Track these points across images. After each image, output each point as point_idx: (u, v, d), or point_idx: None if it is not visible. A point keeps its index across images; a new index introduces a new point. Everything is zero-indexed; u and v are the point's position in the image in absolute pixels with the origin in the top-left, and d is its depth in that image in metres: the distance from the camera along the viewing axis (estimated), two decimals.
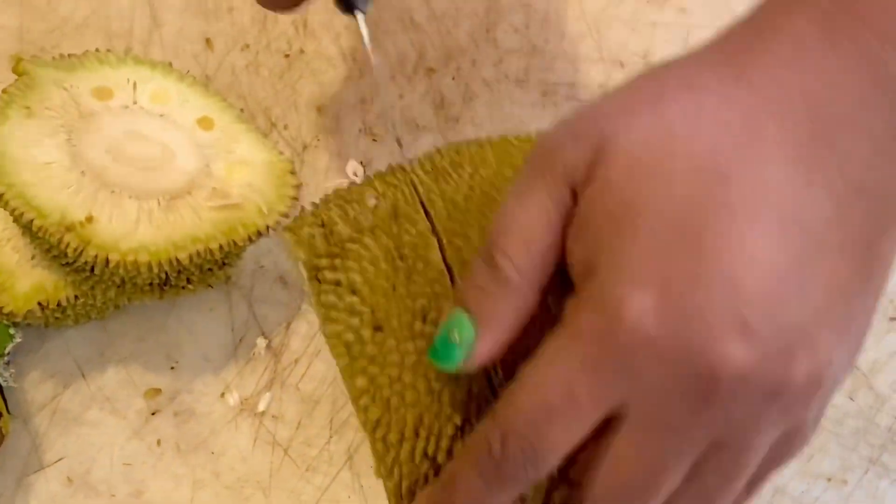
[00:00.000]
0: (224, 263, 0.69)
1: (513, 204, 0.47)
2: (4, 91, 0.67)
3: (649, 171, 0.44)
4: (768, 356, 0.42)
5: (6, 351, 0.70)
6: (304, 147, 0.78)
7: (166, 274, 0.65)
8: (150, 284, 0.66)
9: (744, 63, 0.46)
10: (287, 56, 0.81)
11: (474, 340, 0.46)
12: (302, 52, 0.81)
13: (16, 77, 0.68)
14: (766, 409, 0.43)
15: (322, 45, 0.82)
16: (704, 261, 0.42)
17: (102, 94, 0.69)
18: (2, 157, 0.64)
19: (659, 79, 0.47)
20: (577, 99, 0.80)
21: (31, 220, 0.62)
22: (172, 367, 0.72)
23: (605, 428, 0.45)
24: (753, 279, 0.42)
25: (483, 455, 0.46)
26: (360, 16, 0.65)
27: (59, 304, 0.67)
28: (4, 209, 0.63)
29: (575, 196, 0.46)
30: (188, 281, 0.68)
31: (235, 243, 0.65)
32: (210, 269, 0.68)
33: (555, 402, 0.44)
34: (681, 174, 0.44)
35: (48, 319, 0.69)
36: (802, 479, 0.70)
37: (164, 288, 0.67)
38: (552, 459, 0.45)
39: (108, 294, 0.67)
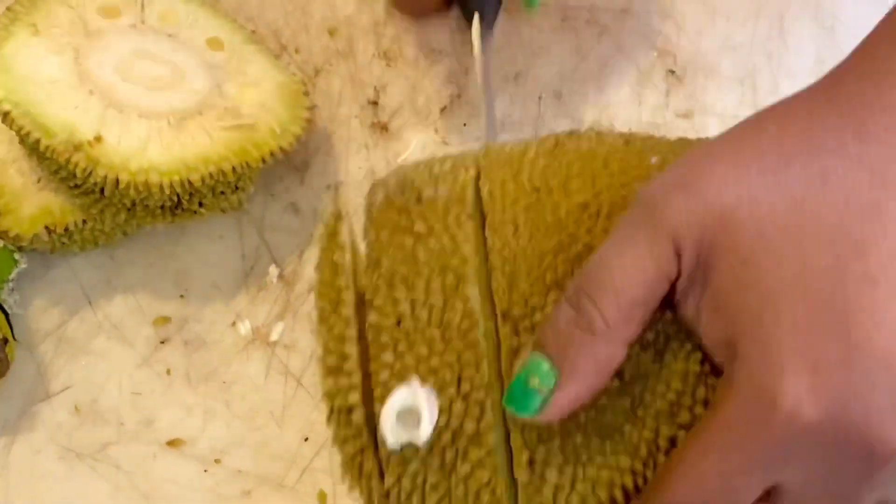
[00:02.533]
0: (237, 187, 0.67)
1: (609, 253, 0.45)
2: (9, 9, 0.65)
3: (782, 246, 0.42)
4: None
5: (11, 276, 0.68)
6: (317, 72, 0.76)
7: (178, 196, 0.63)
8: (162, 207, 0.65)
9: (862, 118, 0.44)
10: None
11: (553, 389, 0.44)
12: None
13: None
14: None
15: None
16: (853, 339, 0.41)
17: (109, 12, 0.67)
18: (7, 74, 0.62)
19: (776, 139, 0.45)
20: (598, 23, 0.78)
21: (38, 140, 0.61)
22: (182, 296, 0.70)
23: None
24: None
25: None
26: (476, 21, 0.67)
27: (66, 229, 0.65)
28: (11, 128, 0.62)
29: (679, 256, 0.44)
30: (200, 204, 0.66)
31: (249, 165, 0.63)
32: (223, 193, 0.66)
33: (713, 497, 0.43)
34: (815, 248, 0.42)
35: (55, 244, 0.67)
36: None
37: (176, 211, 0.66)
38: None
39: (118, 218, 0.65)
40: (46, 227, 0.65)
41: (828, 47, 0.78)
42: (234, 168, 0.63)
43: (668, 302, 0.46)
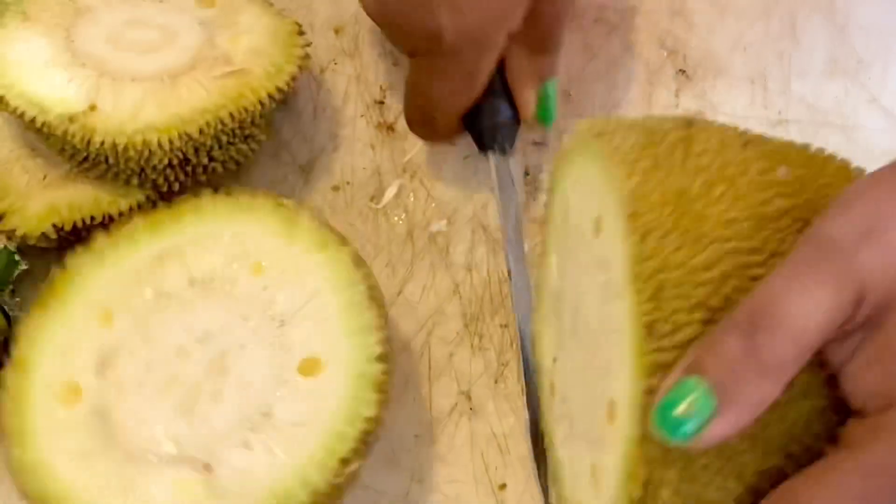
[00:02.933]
0: (247, 136, 0.66)
1: (792, 289, 0.42)
2: (0, 1, 0.66)
3: None
4: None
5: (12, 278, 0.66)
6: (322, 70, 0.76)
7: (183, 153, 0.62)
8: (171, 166, 0.64)
9: None
10: None
11: (711, 417, 0.41)
12: None
13: None
14: None
15: None
16: None
17: None
18: (0, 61, 0.63)
19: None
20: (607, 22, 0.77)
21: (34, 118, 0.61)
22: None
23: None
24: None
25: None
26: (492, 158, 0.67)
27: (74, 226, 0.64)
28: (6, 111, 0.62)
29: (859, 305, 0.42)
30: (210, 158, 0.65)
31: (246, 109, 0.63)
32: (231, 143, 0.65)
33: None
34: None
35: (62, 243, 0.65)
36: None
37: (186, 169, 0.65)
38: None
39: (131, 194, 0.65)
40: (54, 225, 0.64)
41: (840, 47, 0.76)
42: (231, 114, 0.62)
43: None
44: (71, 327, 0.59)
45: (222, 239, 0.60)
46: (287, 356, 0.57)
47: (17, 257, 0.66)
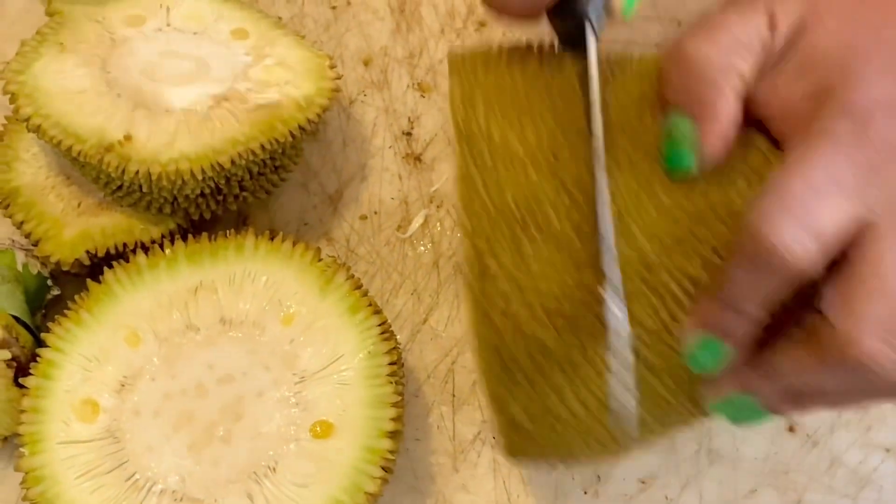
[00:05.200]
0: (276, 167, 0.68)
1: (718, 17, 0.49)
2: (38, 31, 0.67)
3: (866, 21, 0.48)
4: None
5: (44, 303, 0.68)
6: (351, 102, 0.77)
7: (215, 182, 0.64)
8: (203, 195, 0.65)
9: None
10: (334, 8, 0.80)
11: (697, 138, 0.48)
12: (348, 3, 0.80)
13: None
14: None
15: None
16: None
17: (135, 21, 0.68)
18: (36, 91, 0.64)
19: None
20: None
21: (71, 146, 0.62)
22: None
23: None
24: None
25: (751, 243, 0.45)
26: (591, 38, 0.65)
27: (107, 253, 0.65)
28: (44, 139, 0.63)
29: (772, 31, 0.48)
30: (241, 188, 0.66)
31: (277, 140, 0.63)
32: (261, 174, 0.67)
33: (821, 185, 0.44)
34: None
35: (94, 270, 0.66)
36: (861, 449, 0.67)
37: (218, 198, 0.66)
38: (816, 246, 0.44)
39: (165, 222, 0.66)
40: (87, 252, 0.65)
41: None
42: (262, 146, 0.63)
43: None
44: (98, 342, 0.60)
45: (258, 283, 0.61)
46: (301, 414, 0.58)
47: (49, 282, 0.68)
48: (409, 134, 0.76)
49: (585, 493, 0.65)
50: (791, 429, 0.67)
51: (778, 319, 0.47)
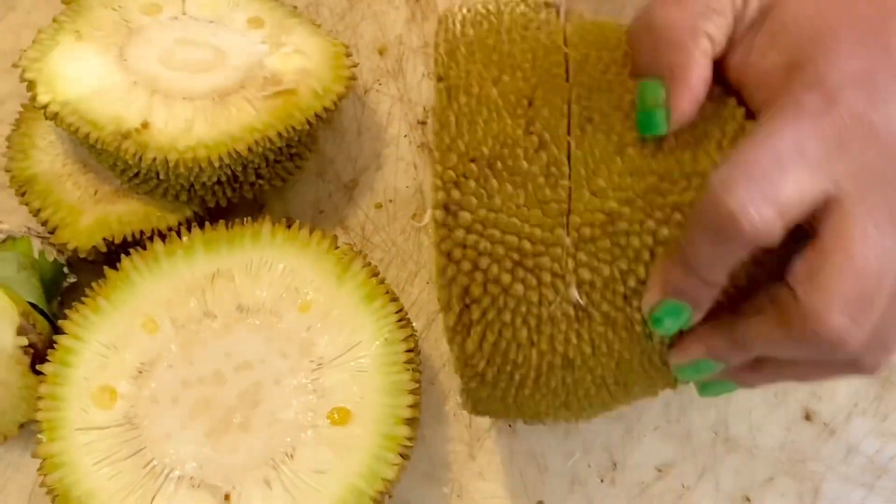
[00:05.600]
0: (291, 155, 0.68)
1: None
2: (54, 20, 0.67)
3: None
4: None
5: (60, 290, 0.68)
6: (366, 91, 0.77)
7: (231, 170, 0.64)
8: (219, 183, 0.65)
9: None
10: None
11: (667, 98, 0.48)
12: None
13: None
14: None
15: None
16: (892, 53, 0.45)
17: (151, 9, 0.69)
18: (54, 78, 0.64)
19: None
20: None
21: (88, 134, 0.62)
22: None
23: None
24: None
25: (712, 209, 0.45)
26: None
27: (124, 240, 0.65)
28: (61, 127, 0.63)
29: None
30: (258, 175, 0.66)
31: (294, 128, 0.63)
32: (277, 161, 0.67)
33: (786, 156, 0.44)
34: None
35: (110, 257, 0.66)
36: (878, 438, 0.67)
37: (234, 185, 0.66)
38: (774, 215, 0.44)
39: (181, 209, 0.66)
40: (105, 239, 0.65)
41: None
42: (279, 133, 0.63)
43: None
44: (116, 329, 0.60)
45: (275, 271, 0.61)
46: (319, 401, 0.58)
47: (65, 270, 0.68)
48: (424, 123, 0.76)
49: (602, 480, 0.65)
50: (808, 417, 0.67)
51: (748, 290, 0.48)
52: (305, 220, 0.72)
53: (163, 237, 0.63)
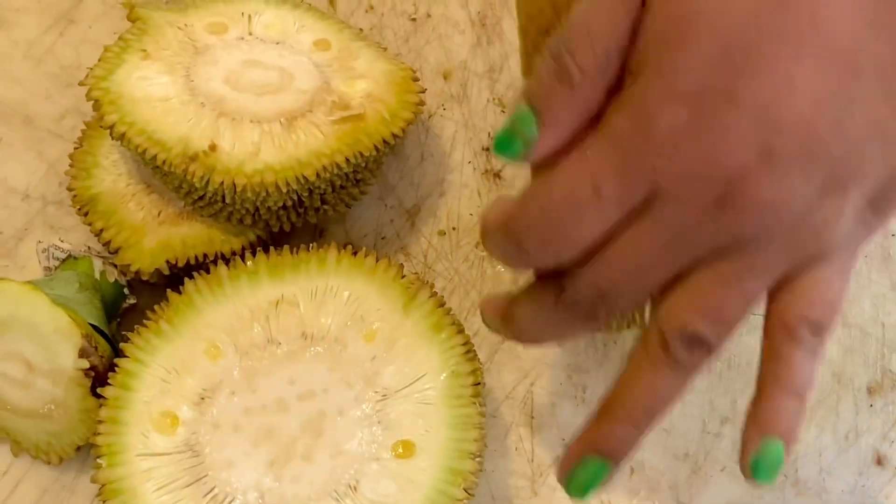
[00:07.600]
0: (357, 181, 0.67)
1: (585, 7, 0.47)
2: (120, 37, 0.67)
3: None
4: (789, 186, 0.43)
5: (120, 312, 0.67)
6: (430, 115, 0.76)
7: (297, 195, 0.63)
8: (284, 208, 0.64)
9: None
10: (413, 20, 0.79)
11: (535, 137, 0.47)
12: (429, 15, 0.79)
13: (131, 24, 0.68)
14: (779, 234, 0.44)
15: (450, 8, 0.80)
16: (742, 81, 0.42)
17: (217, 28, 0.68)
18: (120, 98, 0.63)
19: None
20: None
21: (155, 155, 0.61)
22: None
23: None
24: (787, 106, 0.42)
25: (505, 241, 0.48)
26: None
27: (187, 263, 0.64)
28: (128, 148, 0.62)
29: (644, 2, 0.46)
30: (323, 201, 0.66)
31: (362, 154, 0.63)
32: (343, 187, 0.66)
33: (580, 197, 0.45)
34: None
35: (172, 280, 0.66)
36: None
37: (299, 210, 0.65)
38: (568, 251, 0.46)
39: (245, 234, 0.66)
40: (168, 262, 0.64)
41: None
42: (347, 159, 0.62)
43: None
44: (178, 353, 0.59)
45: (340, 298, 0.60)
46: (383, 433, 0.57)
47: (126, 291, 0.67)
48: (488, 150, 0.75)
49: None
50: (879, 462, 0.65)
51: None
52: (366, 246, 0.71)
53: (226, 261, 0.62)
